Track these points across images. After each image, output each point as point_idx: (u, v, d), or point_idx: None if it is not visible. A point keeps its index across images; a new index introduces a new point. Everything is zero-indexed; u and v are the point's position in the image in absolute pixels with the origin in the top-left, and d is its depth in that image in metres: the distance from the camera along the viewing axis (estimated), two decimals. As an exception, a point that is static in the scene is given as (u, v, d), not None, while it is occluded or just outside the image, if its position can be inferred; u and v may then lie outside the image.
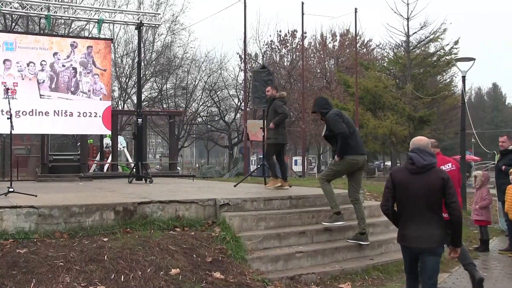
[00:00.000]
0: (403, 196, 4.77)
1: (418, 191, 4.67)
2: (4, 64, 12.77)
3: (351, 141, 7.40)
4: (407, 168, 4.80)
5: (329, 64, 40.53)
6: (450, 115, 37.40)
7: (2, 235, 6.00)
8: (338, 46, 40.40)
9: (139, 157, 12.75)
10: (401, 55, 33.53)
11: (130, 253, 5.87)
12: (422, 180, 4.67)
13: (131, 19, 13.58)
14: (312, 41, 40.96)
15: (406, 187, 4.74)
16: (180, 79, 37.30)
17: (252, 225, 7.15)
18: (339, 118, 7.43)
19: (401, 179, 4.80)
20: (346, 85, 33.44)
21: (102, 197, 7.85)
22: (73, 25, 27.72)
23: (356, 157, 7.45)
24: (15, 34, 15.48)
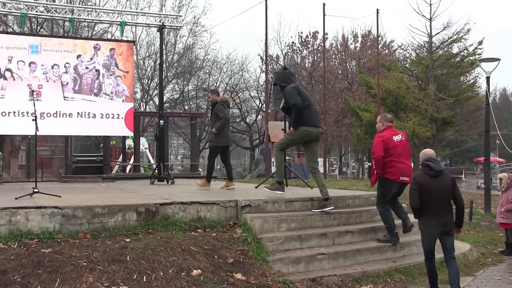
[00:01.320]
0: (427, 195, 6.14)
1: (438, 190, 6.16)
2: (30, 67, 12.96)
3: (305, 113, 7.77)
4: (426, 173, 6.23)
5: (351, 66, 40.34)
6: (474, 116, 36.92)
7: (27, 235, 6.08)
8: (359, 47, 40.20)
9: (161, 158, 12.83)
10: (423, 56, 33.18)
11: (152, 253, 5.90)
12: (440, 182, 6.20)
13: (153, 21, 13.69)
14: (334, 42, 40.87)
15: (429, 188, 6.15)
16: (201, 80, 37.45)
17: (273, 227, 7.15)
18: (295, 91, 7.83)
19: (425, 182, 6.18)
20: (368, 86, 33.24)
21: (124, 198, 7.90)
22: (96, 27, 28.02)
23: (309, 128, 7.82)
24: (40, 37, 15.70)
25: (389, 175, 7.42)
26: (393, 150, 7.47)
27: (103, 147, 17.71)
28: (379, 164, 7.43)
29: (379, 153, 7.41)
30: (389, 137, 7.55)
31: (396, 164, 7.44)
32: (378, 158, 7.43)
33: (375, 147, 7.52)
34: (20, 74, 12.87)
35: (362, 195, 8.59)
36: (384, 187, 7.58)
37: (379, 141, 7.50)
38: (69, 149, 15.42)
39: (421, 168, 6.35)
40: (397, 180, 7.46)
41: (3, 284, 5.02)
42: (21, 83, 12.80)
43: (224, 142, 10.04)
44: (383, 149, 7.42)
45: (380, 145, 7.45)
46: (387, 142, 7.49)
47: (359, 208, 8.38)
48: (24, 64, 12.91)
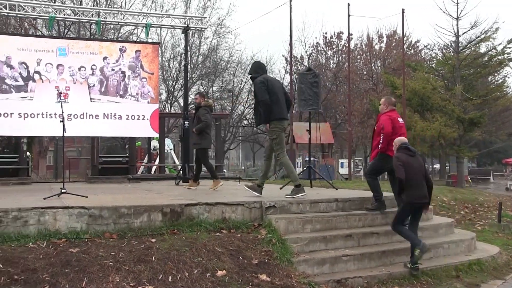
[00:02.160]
0: (409, 170, 6.97)
1: (417, 166, 7.11)
2: (57, 69, 13.16)
3: (274, 107, 7.91)
4: (406, 153, 7.15)
5: (376, 66, 40.07)
6: (502, 116, 36.35)
7: (55, 234, 6.18)
8: (384, 48, 39.91)
9: (186, 159, 12.90)
10: (450, 55, 32.75)
11: (177, 254, 5.94)
12: (417, 160, 7.19)
13: (178, 23, 13.79)
14: (358, 43, 40.63)
15: (411, 165, 7.04)
16: (226, 81, 37.60)
17: (298, 228, 7.13)
18: (263, 86, 7.88)
19: (406, 160, 7.07)
20: (393, 86, 32.94)
21: (150, 199, 7.97)
22: (122, 30, 28.33)
23: (281, 122, 8.04)
24: (67, 40, 15.91)
25: (391, 152, 7.73)
26: (398, 130, 7.91)
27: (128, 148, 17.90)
28: (387, 139, 7.80)
29: (389, 129, 7.83)
30: (396, 118, 8.04)
31: None
32: (388, 133, 7.81)
33: (385, 124, 7.89)
34: (48, 77, 13.09)
35: (387, 197, 8.51)
36: (382, 161, 7.97)
37: (387, 119, 7.94)
38: (95, 150, 15.60)
39: (400, 150, 7.22)
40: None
41: (33, 282, 5.11)
42: (49, 85, 13.01)
43: (208, 144, 10.66)
44: (391, 126, 7.87)
45: (389, 122, 7.89)
46: (394, 121, 7.95)
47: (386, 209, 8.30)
48: (52, 67, 13.12)
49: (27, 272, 5.24)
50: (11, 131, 13.42)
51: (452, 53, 32.90)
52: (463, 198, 14.35)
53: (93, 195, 8.22)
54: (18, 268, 5.28)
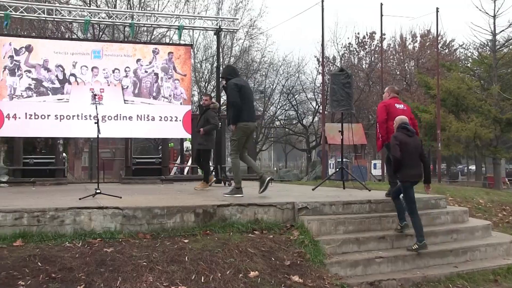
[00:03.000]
0: (406, 150, 7.18)
1: (413, 146, 7.30)
2: (92, 71, 13.38)
3: (244, 109, 8.29)
4: (404, 133, 7.32)
5: (409, 66, 39.57)
6: (541, 117, 35.36)
7: (90, 234, 6.28)
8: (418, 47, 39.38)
9: (218, 160, 12.96)
10: (486, 54, 32.07)
11: (210, 254, 5.96)
12: (414, 140, 7.38)
13: (210, 25, 13.88)
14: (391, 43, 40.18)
15: (408, 144, 7.24)
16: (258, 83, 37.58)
17: (330, 229, 7.09)
18: (236, 88, 8.28)
19: (404, 139, 7.25)
20: (427, 87, 32.44)
21: (182, 200, 8.02)
22: (155, 32, 28.58)
23: (247, 123, 8.39)
24: (102, 42, 16.16)
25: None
26: (395, 115, 8.02)
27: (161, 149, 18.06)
28: (383, 127, 8.19)
29: (382, 116, 8.21)
30: (392, 104, 8.33)
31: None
32: (381, 121, 8.23)
33: (379, 112, 8.36)
34: (83, 79, 13.31)
35: (421, 198, 8.39)
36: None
37: (382, 106, 8.36)
38: (129, 151, 15.77)
39: (398, 130, 7.43)
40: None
41: (70, 281, 5.21)
42: (84, 88, 13.23)
43: (212, 145, 11.11)
44: (385, 113, 8.19)
45: (383, 109, 8.26)
46: (389, 107, 8.26)
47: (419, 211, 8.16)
48: (87, 69, 13.35)
49: (64, 271, 5.35)
50: (48, 133, 13.73)
51: (488, 52, 32.20)
52: (500, 200, 14.02)
53: (127, 196, 8.32)
54: (56, 266, 5.39)
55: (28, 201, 7.77)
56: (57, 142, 15.26)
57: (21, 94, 12.85)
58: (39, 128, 13.09)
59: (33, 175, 13.65)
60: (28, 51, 12.95)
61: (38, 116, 12.92)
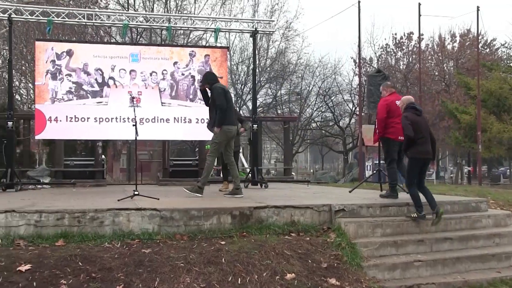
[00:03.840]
0: (417, 128, 7.44)
1: (423, 124, 7.63)
2: (130, 75, 13.56)
3: (227, 113, 8.72)
4: (413, 113, 7.59)
5: (448, 66, 38.83)
6: None
7: (129, 235, 6.38)
8: (457, 47, 38.61)
9: (254, 162, 12.98)
10: (529, 54, 31.26)
11: (247, 256, 5.99)
12: (423, 119, 7.75)
13: (246, 27, 13.88)
14: (430, 43, 39.50)
15: (418, 123, 7.52)
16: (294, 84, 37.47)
17: (368, 232, 7.03)
18: (223, 92, 8.77)
19: (414, 119, 7.52)
20: (467, 87, 31.80)
21: (219, 201, 8.08)
22: (192, 35, 28.81)
23: (230, 127, 8.82)
24: (139, 46, 16.38)
25: (390, 134, 8.53)
26: (395, 113, 8.42)
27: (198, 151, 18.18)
28: (381, 125, 8.53)
29: (382, 114, 8.52)
30: (393, 101, 8.59)
31: (396, 125, 8.37)
32: (381, 118, 8.53)
33: (380, 109, 8.61)
34: (121, 82, 13.51)
35: (461, 201, 8.25)
36: (387, 145, 8.69)
37: (383, 104, 8.61)
38: (166, 153, 15.95)
39: (407, 110, 7.66)
40: (396, 139, 8.51)
41: (109, 280, 5.31)
42: (123, 90, 13.42)
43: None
44: (386, 111, 8.49)
45: (384, 107, 8.54)
46: (390, 105, 8.54)
47: (458, 214, 8.03)
48: (125, 72, 13.54)
49: (103, 271, 5.45)
50: (88, 135, 13.98)
51: (532, 51, 31.38)
52: (544, 204, 13.65)
53: (164, 197, 8.42)
54: (95, 266, 5.50)
55: (69, 202, 7.94)
56: (97, 144, 15.53)
57: (62, 97, 13.13)
58: (79, 131, 13.34)
59: (73, 176, 13.95)
60: (69, 56, 13.22)
61: (78, 119, 13.17)
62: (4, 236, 6.21)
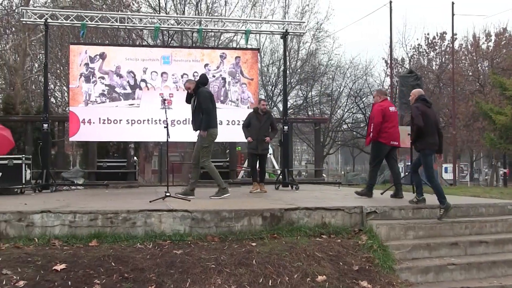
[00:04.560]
0: (427, 120, 7.63)
1: (433, 116, 7.87)
2: (162, 77, 13.69)
3: (213, 116, 9.04)
4: (424, 105, 7.81)
5: (483, 66, 38.10)
6: None
7: (161, 236, 6.44)
8: (493, 47, 37.85)
9: (285, 164, 12.96)
10: None
11: (277, 258, 5.99)
12: (432, 111, 8.00)
13: (276, 29, 13.88)
14: (463, 43, 38.85)
15: (428, 114, 7.72)
16: (325, 86, 37.28)
17: (400, 234, 6.95)
18: (209, 96, 9.08)
19: (425, 110, 7.72)
20: (502, 88, 31.08)
21: (250, 203, 8.08)
22: (222, 37, 28.92)
23: (215, 130, 9.15)
24: (171, 48, 16.54)
25: (382, 139, 8.93)
26: (389, 118, 8.97)
27: (229, 152, 18.22)
28: (377, 129, 8.89)
29: (378, 119, 8.90)
30: (387, 107, 9.08)
31: (389, 130, 8.96)
32: (377, 123, 8.89)
33: (376, 114, 8.98)
34: (153, 84, 13.65)
35: (497, 203, 8.08)
36: (377, 149, 9.08)
37: (379, 109, 9.00)
38: (197, 155, 15.99)
39: (418, 101, 7.87)
40: (388, 144, 8.99)
41: (141, 281, 5.37)
42: (154, 93, 13.55)
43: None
44: (381, 116, 8.91)
45: (380, 112, 8.95)
46: (385, 111, 9.00)
47: (493, 217, 7.87)
48: (157, 75, 13.68)
49: (136, 271, 5.52)
50: (120, 137, 14.19)
51: None
52: None
53: (195, 199, 8.46)
54: (128, 267, 5.58)
55: (101, 203, 8.07)
56: (129, 146, 15.71)
57: (95, 100, 13.34)
58: (111, 133, 13.55)
59: (106, 178, 14.16)
60: (102, 59, 13.43)
61: (111, 121, 13.36)
62: (40, 236, 6.35)
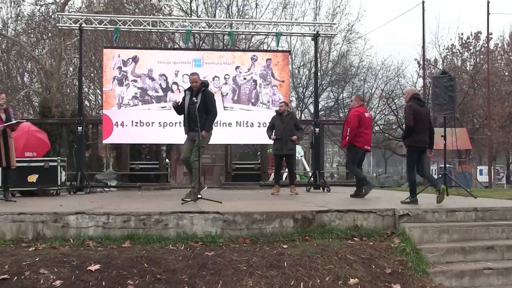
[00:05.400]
0: (419, 118, 8.09)
1: (424, 115, 8.26)
2: (193, 80, 13.78)
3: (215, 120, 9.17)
4: (417, 103, 8.23)
5: (519, 66, 37.29)
6: None
7: (192, 238, 6.48)
8: (530, 46, 37.04)
9: (316, 166, 12.91)
10: None
11: (309, 260, 5.96)
12: (425, 110, 8.40)
13: (307, 31, 13.86)
14: (499, 42, 38.07)
15: (420, 113, 8.17)
16: (356, 87, 36.96)
17: (433, 237, 6.84)
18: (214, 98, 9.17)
19: (417, 109, 8.16)
20: (540, 88, 30.41)
21: (281, 205, 8.07)
22: (253, 39, 28.97)
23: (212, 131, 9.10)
24: (202, 51, 16.63)
25: (357, 143, 9.45)
26: (364, 123, 9.44)
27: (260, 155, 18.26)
28: (353, 133, 9.36)
29: (354, 123, 9.34)
30: (363, 113, 9.56)
31: (364, 135, 9.46)
32: (354, 127, 9.35)
33: (353, 119, 9.40)
34: (185, 87, 13.73)
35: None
36: (352, 152, 9.66)
37: (355, 114, 9.44)
38: (228, 157, 16.08)
39: (412, 100, 8.31)
40: (362, 148, 9.55)
41: (174, 282, 5.41)
42: (186, 95, 13.65)
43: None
44: (358, 121, 9.34)
45: (356, 117, 9.38)
46: (361, 116, 9.44)
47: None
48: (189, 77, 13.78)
49: (168, 272, 5.56)
50: (153, 140, 14.35)
51: None
52: None
53: (227, 201, 8.49)
54: (160, 268, 5.62)
55: (134, 205, 8.15)
56: (161, 148, 15.87)
57: (128, 102, 13.51)
58: (144, 135, 13.70)
59: (138, 180, 14.32)
60: (134, 62, 13.61)
61: (143, 123, 13.51)
62: (75, 237, 6.47)
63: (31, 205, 7.84)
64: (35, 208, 7.24)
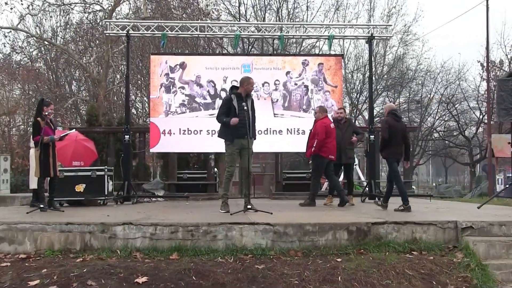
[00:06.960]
0: (394, 132, 8.78)
1: (400, 129, 8.92)
2: (242, 86, 13.60)
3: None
4: (393, 118, 8.91)
5: None
6: None
7: (242, 250, 6.29)
8: None
9: (372, 175, 12.49)
10: None
11: (364, 275, 5.69)
12: (401, 125, 9.06)
13: (361, 33, 13.43)
14: None
15: (395, 128, 8.84)
16: (413, 92, 36.03)
17: (501, 253, 6.36)
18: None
19: (393, 123, 8.84)
20: None
21: (334, 216, 7.81)
22: (304, 43, 28.70)
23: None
24: (251, 56, 16.50)
25: (322, 153, 9.86)
26: (330, 134, 9.88)
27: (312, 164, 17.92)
28: (320, 145, 9.76)
29: (322, 135, 9.75)
30: (329, 124, 10.00)
31: (329, 145, 9.86)
32: (321, 139, 9.75)
33: (320, 131, 9.79)
34: (235, 94, 13.59)
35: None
36: (317, 161, 10.05)
37: (322, 126, 9.86)
38: (279, 165, 15.79)
39: (389, 115, 8.99)
40: (327, 157, 9.91)
41: (223, 296, 5.22)
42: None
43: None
44: (325, 132, 9.75)
45: (323, 129, 9.80)
46: (327, 128, 9.88)
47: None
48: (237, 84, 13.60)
49: (216, 286, 5.43)
50: (201, 148, 14.13)
51: None
52: None
53: (277, 212, 8.26)
54: (209, 281, 5.48)
55: (182, 215, 8.05)
56: (209, 157, 15.74)
57: (175, 110, 13.45)
58: (192, 144, 13.57)
59: (186, 189, 14.18)
60: (182, 68, 13.54)
61: (191, 131, 13.40)
62: (122, 248, 6.36)
63: (79, 215, 7.80)
64: (82, 218, 7.18)
